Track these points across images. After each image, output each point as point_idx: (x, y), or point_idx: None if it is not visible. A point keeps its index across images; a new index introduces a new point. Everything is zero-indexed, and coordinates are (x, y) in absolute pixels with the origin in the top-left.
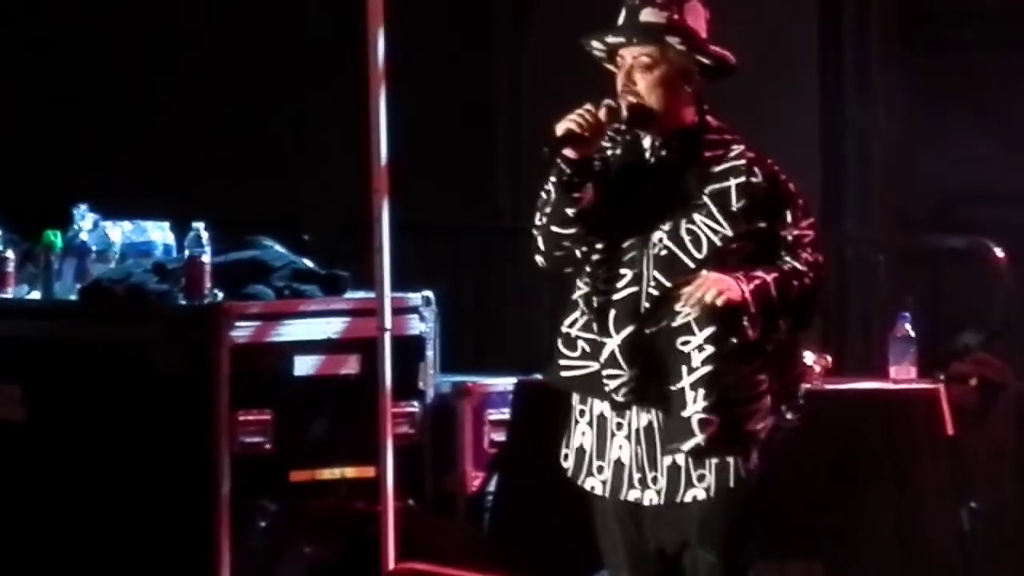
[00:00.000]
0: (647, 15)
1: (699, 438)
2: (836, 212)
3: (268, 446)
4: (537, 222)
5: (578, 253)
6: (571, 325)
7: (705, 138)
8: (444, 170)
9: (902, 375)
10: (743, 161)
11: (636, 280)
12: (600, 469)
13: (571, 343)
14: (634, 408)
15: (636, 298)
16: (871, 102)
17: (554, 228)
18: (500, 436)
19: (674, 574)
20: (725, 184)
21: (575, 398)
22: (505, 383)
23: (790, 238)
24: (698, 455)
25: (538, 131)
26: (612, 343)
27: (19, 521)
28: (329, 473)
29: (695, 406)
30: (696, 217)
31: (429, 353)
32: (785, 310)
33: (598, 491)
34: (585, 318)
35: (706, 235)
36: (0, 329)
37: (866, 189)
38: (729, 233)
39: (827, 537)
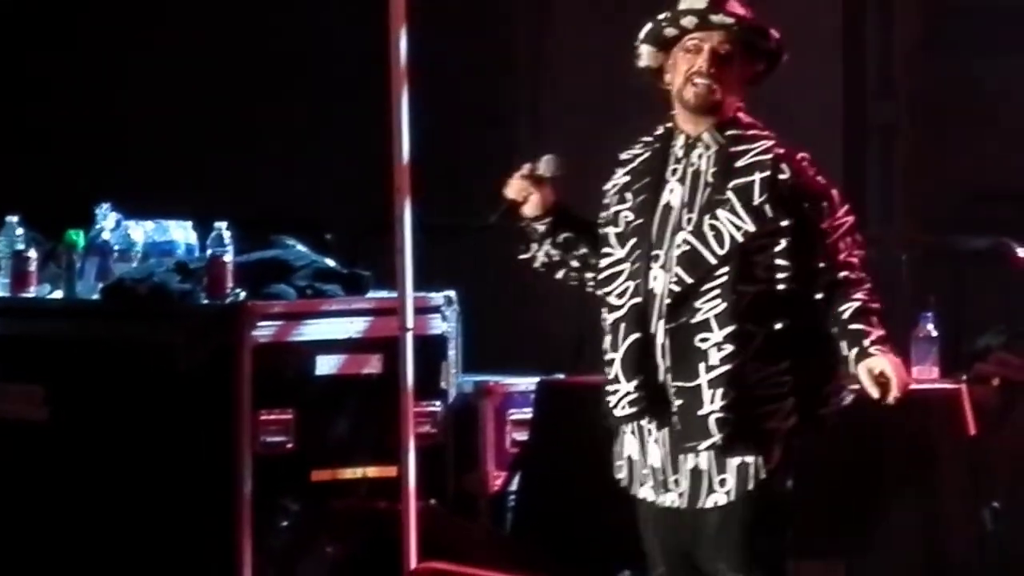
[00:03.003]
0: (732, 7)
1: (716, 437)
2: (858, 212)
3: (290, 445)
4: None
5: (588, 288)
6: (605, 349)
7: (733, 133)
8: (465, 169)
9: (924, 375)
10: (769, 156)
11: (637, 291)
12: (645, 477)
13: (609, 364)
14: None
15: (642, 307)
16: (893, 102)
17: (543, 271)
18: (522, 436)
19: None
20: (749, 179)
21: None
22: (527, 383)
23: (827, 228)
24: (719, 454)
25: (560, 129)
26: (616, 357)
27: (41, 521)
28: (351, 473)
29: (712, 405)
30: (719, 212)
31: (451, 352)
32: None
33: (649, 498)
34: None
35: (728, 231)
36: (22, 329)
37: (889, 189)
38: (751, 228)
39: (848, 537)
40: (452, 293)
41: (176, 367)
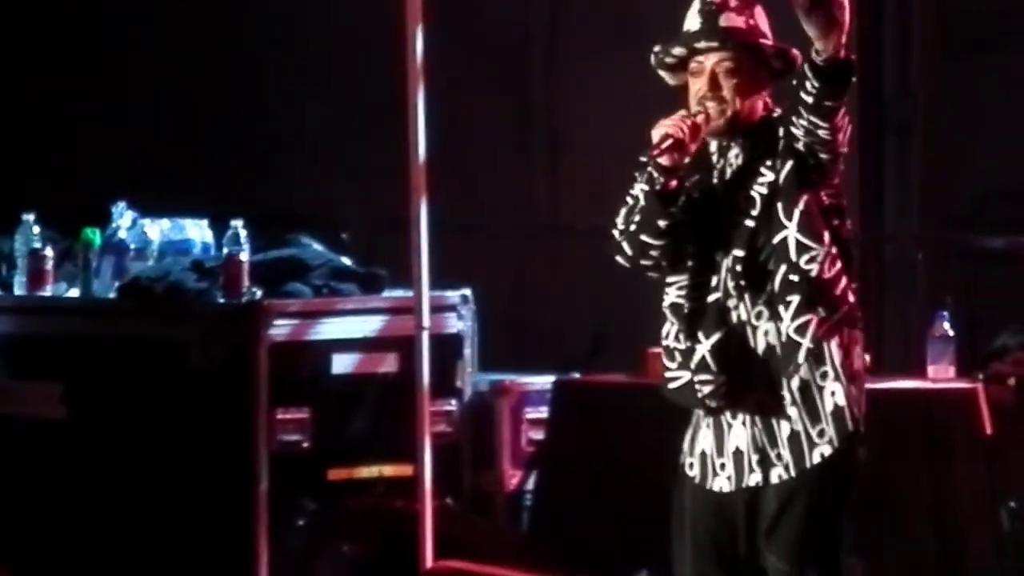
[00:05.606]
0: (727, 20)
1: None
2: (875, 211)
3: (306, 444)
4: (620, 226)
5: (664, 263)
6: (666, 337)
7: (772, 124)
8: (482, 167)
9: (940, 375)
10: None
11: (719, 286)
12: (723, 466)
13: (670, 354)
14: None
15: (722, 304)
16: (910, 102)
17: (643, 237)
18: (538, 434)
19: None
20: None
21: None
22: (543, 381)
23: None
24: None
25: (575, 128)
26: (702, 348)
27: (59, 518)
28: (367, 471)
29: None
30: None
31: (467, 351)
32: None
33: (726, 488)
34: (675, 327)
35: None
36: (39, 327)
37: (905, 188)
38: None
39: (865, 536)
40: (468, 292)
41: (192, 366)
